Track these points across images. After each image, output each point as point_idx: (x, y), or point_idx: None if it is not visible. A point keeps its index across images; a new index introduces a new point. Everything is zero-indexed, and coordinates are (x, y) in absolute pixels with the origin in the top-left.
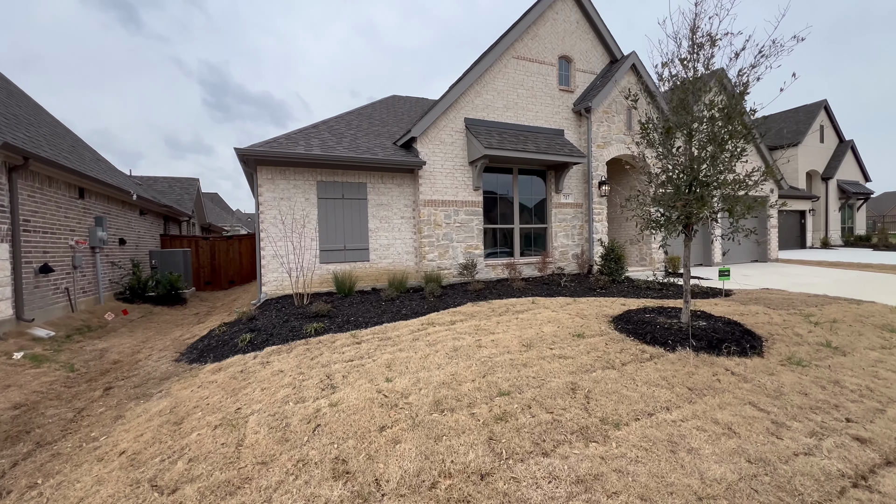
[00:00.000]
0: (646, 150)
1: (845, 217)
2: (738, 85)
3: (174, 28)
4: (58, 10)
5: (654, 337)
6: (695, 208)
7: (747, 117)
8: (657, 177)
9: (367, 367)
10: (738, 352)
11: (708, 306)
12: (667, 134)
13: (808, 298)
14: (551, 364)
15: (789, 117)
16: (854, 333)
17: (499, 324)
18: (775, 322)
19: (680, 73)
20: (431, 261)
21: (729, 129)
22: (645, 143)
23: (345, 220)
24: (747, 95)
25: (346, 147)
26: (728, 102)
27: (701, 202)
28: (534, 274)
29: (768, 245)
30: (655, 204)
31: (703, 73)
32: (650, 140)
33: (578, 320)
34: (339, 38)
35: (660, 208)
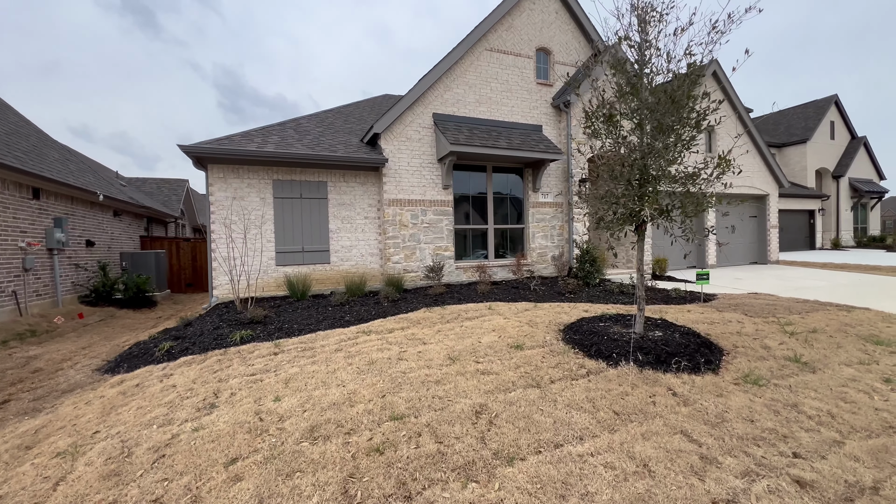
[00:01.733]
0: (593, 141)
1: (858, 217)
2: (690, 67)
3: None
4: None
5: (599, 349)
6: (637, 206)
7: (700, 103)
8: (603, 170)
9: (265, 383)
10: (689, 368)
11: (678, 313)
12: (609, 122)
13: (796, 304)
14: (469, 381)
15: (798, 113)
16: (832, 346)
17: (439, 332)
18: (745, 332)
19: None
20: (396, 263)
21: (678, 115)
22: (590, 132)
23: (303, 221)
24: (701, 77)
25: (306, 144)
26: (677, 84)
27: (644, 199)
28: (508, 277)
29: (768, 246)
30: (600, 201)
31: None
32: (594, 130)
33: (526, 329)
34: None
35: (604, 206)
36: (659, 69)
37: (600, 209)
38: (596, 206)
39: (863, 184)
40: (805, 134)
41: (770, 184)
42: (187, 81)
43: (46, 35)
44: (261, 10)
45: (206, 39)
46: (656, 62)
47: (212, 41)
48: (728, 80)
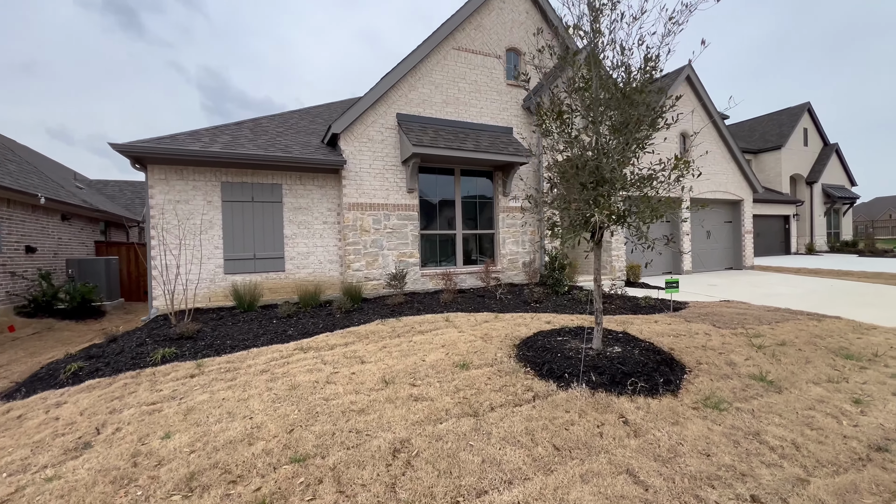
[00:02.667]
0: (544, 139)
1: (831, 222)
2: (645, 62)
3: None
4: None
5: (551, 368)
6: (589, 211)
7: (656, 99)
8: (555, 173)
9: (162, 415)
10: (647, 389)
11: (644, 324)
12: (559, 119)
13: (767, 314)
14: (397, 410)
15: (773, 120)
16: (800, 361)
17: (384, 349)
18: (711, 346)
19: (571, 44)
20: (357, 270)
21: (630, 113)
22: (542, 132)
23: (255, 226)
24: (658, 73)
25: (259, 145)
26: (629, 78)
27: (594, 203)
28: (476, 285)
29: (743, 251)
30: (551, 206)
31: (605, 44)
32: (545, 129)
33: (479, 344)
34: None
35: (555, 211)
36: (613, 63)
37: (553, 215)
38: (549, 211)
39: (835, 190)
40: (779, 140)
41: (744, 189)
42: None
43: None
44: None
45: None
46: (610, 55)
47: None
48: (702, 85)
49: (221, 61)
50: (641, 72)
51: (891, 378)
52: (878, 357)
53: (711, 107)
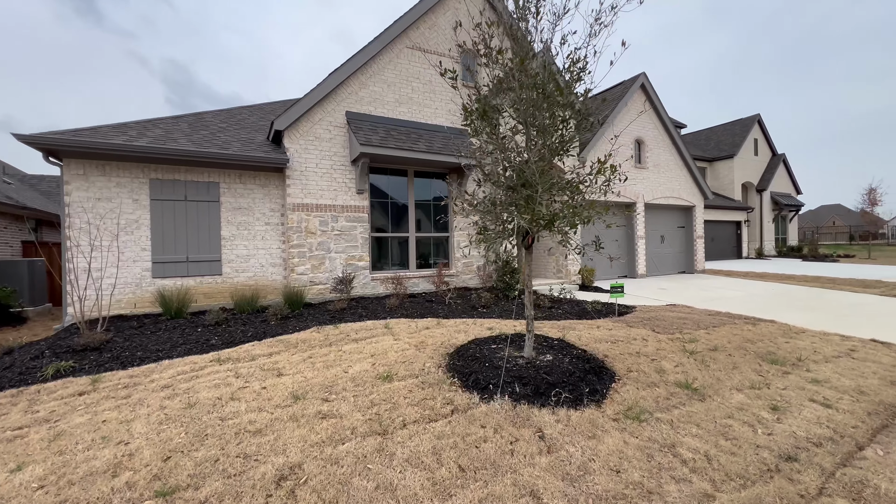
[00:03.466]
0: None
1: (779, 228)
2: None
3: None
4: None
5: (477, 379)
6: (511, 215)
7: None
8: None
9: (26, 441)
10: (571, 400)
11: (586, 330)
12: (483, 118)
13: (707, 318)
14: (298, 430)
15: (726, 130)
16: (728, 367)
17: (308, 359)
18: (645, 352)
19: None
20: (302, 274)
21: (551, 113)
22: (471, 131)
23: (189, 227)
24: (586, 74)
25: (195, 140)
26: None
27: (518, 208)
28: (429, 289)
29: (695, 256)
30: (475, 209)
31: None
32: (474, 128)
33: (411, 353)
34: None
35: (483, 216)
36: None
37: (483, 218)
38: (477, 215)
39: (783, 197)
40: (732, 150)
41: (696, 196)
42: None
43: None
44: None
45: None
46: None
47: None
48: (656, 94)
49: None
50: (567, 72)
51: (810, 383)
52: (800, 362)
53: (665, 115)
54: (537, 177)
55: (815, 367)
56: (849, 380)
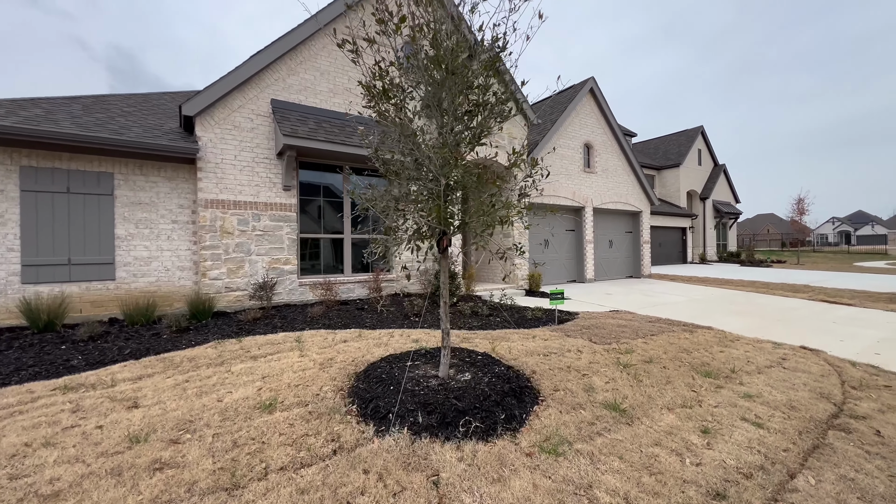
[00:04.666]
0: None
1: (720, 234)
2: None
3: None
4: None
5: (377, 406)
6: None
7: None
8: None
9: None
10: (482, 431)
11: (521, 341)
12: (384, 97)
13: (647, 325)
14: (115, 490)
15: (673, 140)
16: (662, 381)
17: (184, 383)
18: (577, 366)
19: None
20: (216, 279)
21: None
22: (376, 115)
23: (72, 224)
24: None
25: (84, 124)
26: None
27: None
28: (366, 295)
29: (642, 261)
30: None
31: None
32: (381, 112)
33: (312, 373)
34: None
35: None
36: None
37: (386, 217)
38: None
39: (723, 206)
40: (678, 159)
41: (643, 201)
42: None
43: None
44: None
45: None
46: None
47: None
48: (604, 98)
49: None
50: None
51: (742, 399)
52: (734, 374)
53: (614, 121)
54: (438, 169)
55: (747, 379)
56: (780, 393)
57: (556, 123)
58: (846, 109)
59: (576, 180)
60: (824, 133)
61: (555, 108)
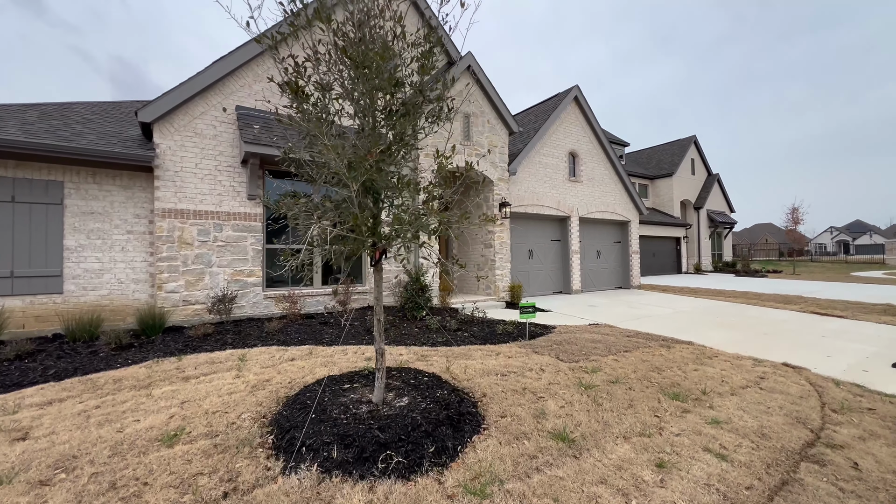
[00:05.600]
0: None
1: (715, 244)
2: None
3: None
4: None
5: (293, 438)
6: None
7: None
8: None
9: None
10: (405, 467)
11: (482, 359)
12: (295, 95)
13: (623, 340)
14: None
15: (666, 150)
16: (623, 405)
17: (87, 411)
18: (535, 388)
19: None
20: (173, 292)
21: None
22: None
23: (17, 234)
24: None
25: (34, 131)
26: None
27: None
28: (335, 308)
29: (630, 271)
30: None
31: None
32: (305, 113)
33: (239, 397)
34: None
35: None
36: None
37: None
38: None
39: (718, 215)
40: (671, 168)
41: (631, 211)
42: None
43: None
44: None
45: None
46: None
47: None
48: (591, 109)
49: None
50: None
51: (709, 425)
52: (704, 395)
53: (599, 129)
54: (345, 171)
55: (718, 401)
56: (752, 418)
57: (538, 132)
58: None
59: (560, 189)
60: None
61: (539, 118)
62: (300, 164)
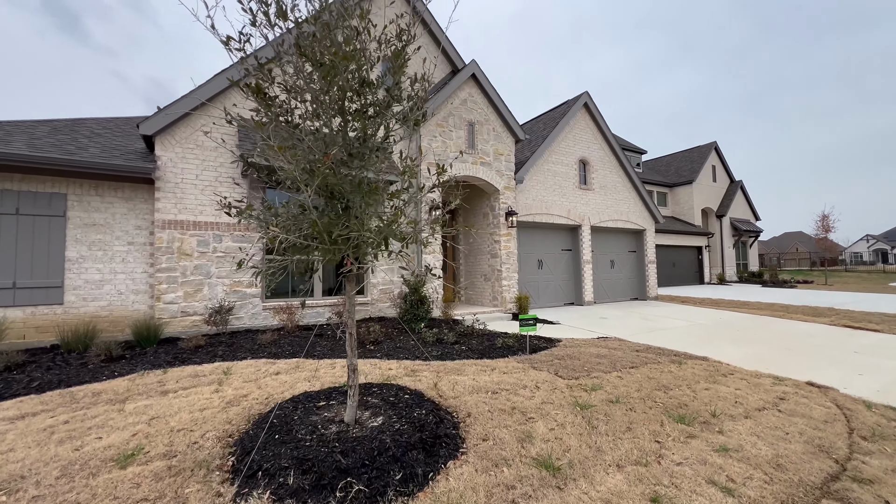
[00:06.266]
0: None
1: (740, 253)
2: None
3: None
4: None
5: (254, 460)
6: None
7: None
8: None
9: None
10: (366, 496)
11: (475, 374)
12: (258, 96)
13: (631, 355)
14: None
15: (686, 157)
16: (621, 428)
17: (53, 427)
18: (525, 407)
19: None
20: (171, 303)
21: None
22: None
23: (20, 246)
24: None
25: (39, 146)
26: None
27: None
28: (334, 320)
29: (647, 282)
30: (261, 219)
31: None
32: (270, 116)
33: (210, 413)
34: None
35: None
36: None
37: (279, 237)
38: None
39: (742, 223)
40: (691, 176)
41: (646, 219)
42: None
43: None
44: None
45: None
46: None
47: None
48: (600, 113)
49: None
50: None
51: (716, 453)
52: (714, 419)
53: (611, 136)
54: (299, 174)
55: (730, 425)
56: (767, 445)
57: (546, 139)
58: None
59: (570, 198)
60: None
61: (548, 125)
62: (272, 171)
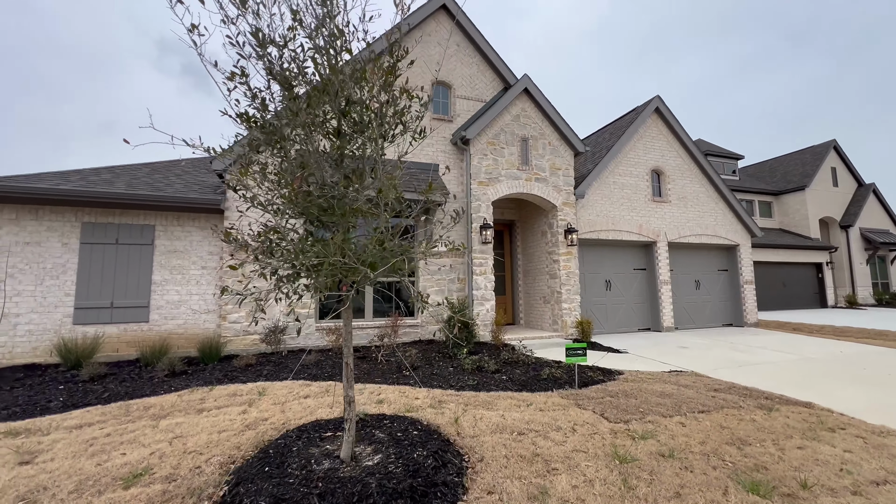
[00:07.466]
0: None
1: (876, 271)
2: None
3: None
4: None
5: (238, 493)
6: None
7: None
8: None
9: None
10: None
11: (506, 410)
12: (247, 123)
13: (705, 395)
14: None
15: (795, 159)
16: (667, 493)
17: (97, 438)
18: (550, 455)
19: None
20: (235, 322)
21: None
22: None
23: (118, 271)
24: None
25: (135, 185)
26: None
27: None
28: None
29: (744, 305)
30: (247, 253)
31: None
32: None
33: (225, 436)
34: None
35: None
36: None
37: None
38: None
39: (877, 235)
40: (803, 181)
41: (739, 233)
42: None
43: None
44: None
45: None
46: None
47: None
48: (674, 116)
49: None
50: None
51: None
52: (804, 491)
53: (689, 142)
54: (279, 201)
55: (827, 503)
56: None
57: (611, 150)
58: None
59: (642, 212)
60: None
61: (614, 135)
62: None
